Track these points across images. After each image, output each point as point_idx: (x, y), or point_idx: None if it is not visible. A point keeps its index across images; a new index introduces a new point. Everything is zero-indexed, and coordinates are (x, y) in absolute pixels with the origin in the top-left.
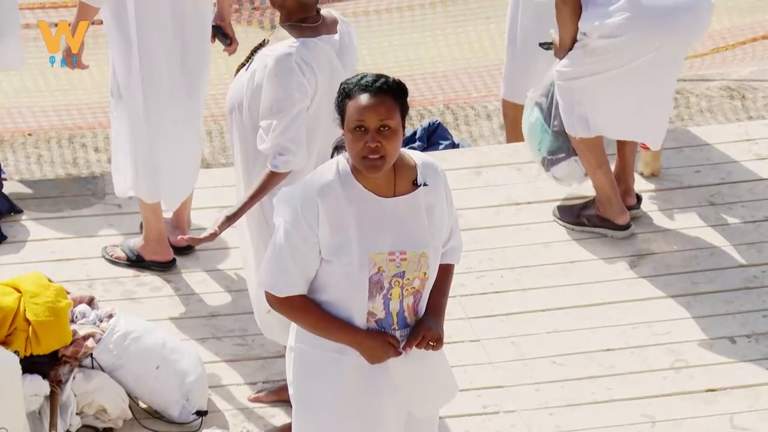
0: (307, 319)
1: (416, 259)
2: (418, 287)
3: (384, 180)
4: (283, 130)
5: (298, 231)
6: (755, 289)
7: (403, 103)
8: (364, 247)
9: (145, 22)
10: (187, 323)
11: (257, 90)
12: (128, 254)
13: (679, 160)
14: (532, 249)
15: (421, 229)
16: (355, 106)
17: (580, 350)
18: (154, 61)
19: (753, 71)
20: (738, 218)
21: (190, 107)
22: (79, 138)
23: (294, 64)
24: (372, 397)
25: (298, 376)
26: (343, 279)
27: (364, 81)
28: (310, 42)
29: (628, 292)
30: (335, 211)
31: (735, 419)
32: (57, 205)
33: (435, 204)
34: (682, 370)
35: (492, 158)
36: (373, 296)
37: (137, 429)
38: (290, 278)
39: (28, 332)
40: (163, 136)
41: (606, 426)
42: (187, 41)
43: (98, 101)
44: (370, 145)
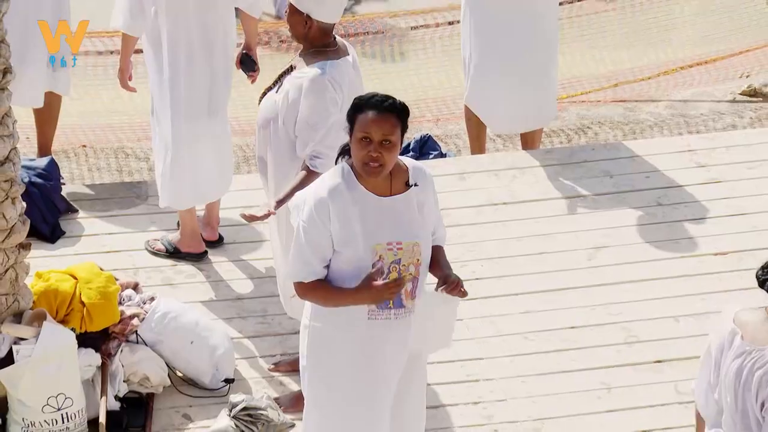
0: (329, 296)
1: (410, 248)
2: (414, 273)
3: (381, 182)
4: (321, 139)
5: (314, 227)
6: (695, 276)
7: (404, 122)
8: (367, 238)
9: (176, 52)
10: (217, 305)
11: (292, 106)
12: (167, 247)
13: (631, 167)
14: (508, 242)
15: (413, 222)
16: (363, 120)
17: (548, 328)
18: (181, 87)
19: (693, 93)
20: (681, 216)
21: (215, 126)
22: (125, 150)
23: (327, 82)
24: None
25: (311, 350)
26: (351, 266)
27: (375, 99)
28: (336, 63)
29: (588, 279)
30: (343, 209)
31: (678, 386)
32: (107, 205)
33: (424, 202)
34: (634, 344)
35: (474, 166)
36: None
37: (175, 394)
38: (312, 267)
39: (83, 313)
40: (188, 153)
41: (570, 392)
42: (215, 69)
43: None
44: (372, 154)
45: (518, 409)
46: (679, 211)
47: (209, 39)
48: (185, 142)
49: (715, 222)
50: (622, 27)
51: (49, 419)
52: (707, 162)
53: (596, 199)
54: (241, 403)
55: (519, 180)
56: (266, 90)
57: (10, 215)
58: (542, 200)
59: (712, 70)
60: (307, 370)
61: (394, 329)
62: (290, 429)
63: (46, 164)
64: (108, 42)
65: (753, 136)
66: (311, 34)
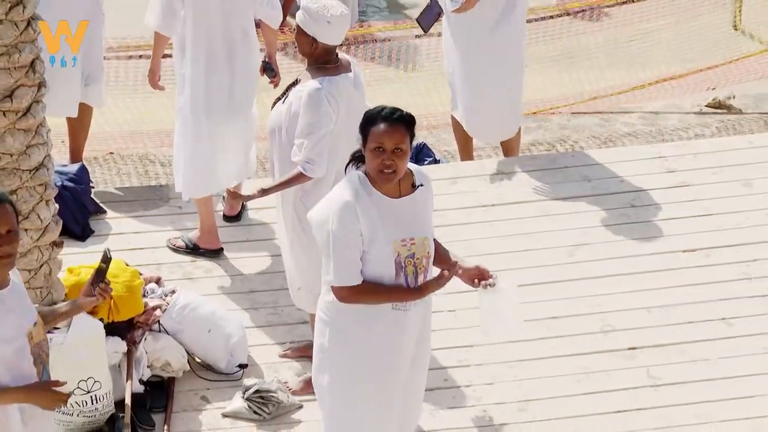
0: (376, 294)
1: (421, 242)
2: (425, 265)
3: (393, 185)
4: (312, 147)
5: (347, 230)
6: (665, 271)
7: (412, 131)
8: (388, 237)
9: (198, 53)
10: (232, 297)
11: (294, 117)
12: (187, 243)
13: (607, 172)
14: (496, 240)
15: (421, 219)
16: (376, 131)
17: (532, 318)
18: (201, 85)
19: (664, 105)
20: (652, 217)
21: (237, 123)
22: (149, 156)
23: (323, 97)
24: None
25: (331, 343)
26: (376, 264)
27: (384, 112)
28: (334, 79)
29: (568, 274)
30: (366, 210)
31: (650, 371)
32: (132, 207)
33: (427, 200)
34: (610, 333)
35: (465, 171)
36: (398, 274)
37: (194, 378)
38: (358, 268)
39: (111, 304)
40: (205, 146)
41: (551, 376)
42: (235, 71)
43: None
44: (386, 162)
45: (505, 392)
46: (650, 212)
47: (230, 43)
48: (204, 136)
49: (683, 222)
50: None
51: (80, 401)
52: (676, 168)
53: (576, 201)
54: (254, 386)
55: (506, 184)
56: (276, 100)
57: (45, 216)
58: (527, 202)
59: (681, 84)
60: (326, 362)
61: (411, 319)
62: (298, 410)
63: (77, 169)
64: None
65: (717, 144)
66: (316, 53)
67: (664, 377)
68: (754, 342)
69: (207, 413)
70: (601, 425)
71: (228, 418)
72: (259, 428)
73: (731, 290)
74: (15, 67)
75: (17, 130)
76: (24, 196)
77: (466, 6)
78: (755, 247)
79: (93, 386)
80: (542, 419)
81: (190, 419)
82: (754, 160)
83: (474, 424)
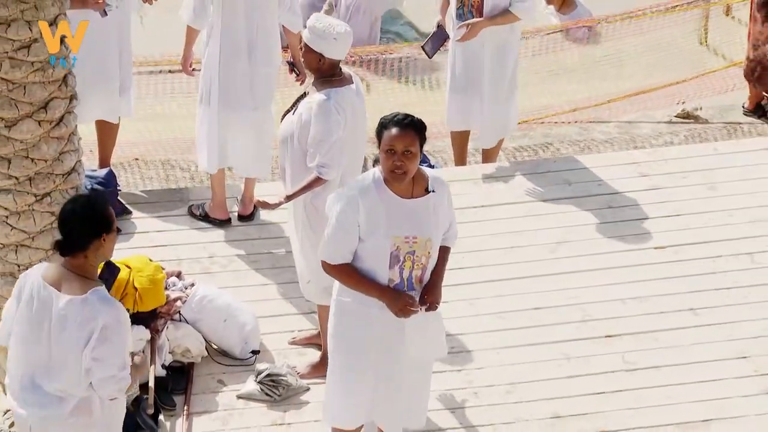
0: (351, 279)
1: (423, 242)
2: (424, 263)
3: (405, 186)
4: (325, 153)
5: (345, 218)
6: (638, 266)
7: (422, 135)
8: (389, 231)
9: (222, 49)
10: (246, 290)
11: (305, 126)
12: (200, 211)
13: (587, 176)
14: (485, 238)
15: (428, 222)
16: (388, 135)
17: (517, 308)
18: (229, 80)
19: (637, 115)
20: (627, 217)
21: (256, 118)
22: (170, 162)
23: (332, 107)
24: (387, 339)
25: (336, 319)
26: (373, 253)
27: (397, 118)
28: (340, 90)
29: (551, 268)
30: (370, 206)
31: (625, 356)
32: (155, 208)
33: (439, 205)
34: (588, 322)
35: (458, 175)
36: (392, 266)
37: (211, 363)
38: (340, 251)
39: (136, 296)
40: (221, 130)
41: (535, 361)
42: (256, 69)
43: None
44: (396, 163)
45: (493, 375)
46: (625, 213)
47: (251, 40)
48: (221, 123)
49: (655, 221)
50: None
51: None
52: (649, 172)
53: (557, 202)
54: (266, 371)
55: (494, 187)
56: (286, 112)
57: None
58: (513, 204)
59: (653, 96)
60: (332, 336)
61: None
62: (305, 392)
63: (105, 174)
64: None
65: (686, 151)
66: (323, 68)
67: (638, 362)
68: (719, 330)
69: (223, 395)
70: (580, 406)
71: (242, 399)
72: (270, 409)
73: (698, 283)
74: (49, 81)
75: (51, 138)
76: (57, 197)
77: (468, 36)
78: (720, 245)
79: None
80: (527, 400)
81: (207, 401)
82: (719, 165)
83: (466, 404)
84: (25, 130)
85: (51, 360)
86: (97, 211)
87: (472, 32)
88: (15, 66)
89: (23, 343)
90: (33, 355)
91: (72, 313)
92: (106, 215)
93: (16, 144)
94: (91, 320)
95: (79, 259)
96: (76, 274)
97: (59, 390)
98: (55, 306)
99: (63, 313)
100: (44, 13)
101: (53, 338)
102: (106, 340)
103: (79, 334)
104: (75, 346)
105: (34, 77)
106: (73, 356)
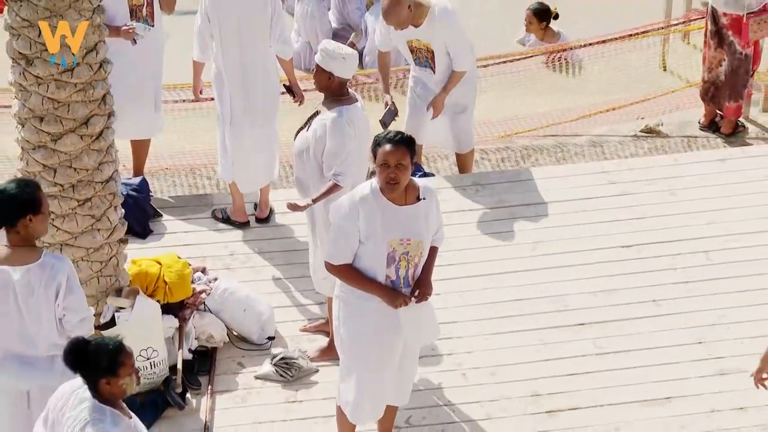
0: (352, 278)
1: (416, 244)
2: (416, 262)
3: (399, 195)
4: (340, 163)
5: (347, 223)
6: (607, 263)
7: (412, 150)
8: (385, 235)
9: (225, 76)
10: (263, 283)
11: (319, 141)
12: (223, 215)
13: (562, 184)
14: (470, 238)
15: (420, 226)
16: (382, 151)
17: (501, 300)
18: (229, 102)
19: (606, 130)
20: (597, 219)
21: (260, 134)
22: (196, 171)
23: (344, 123)
24: (386, 330)
25: (341, 316)
26: (371, 254)
27: (389, 135)
28: (350, 108)
29: (530, 265)
30: (368, 212)
31: (596, 342)
32: (183, 212)
33: (429, 211)
34: (563, 312)
35: (447, 183)
36: (389, 266)
37: (232, 348)
38: (342, 253)
39: (165, 289)
40: (234, 146)
41: (516, 346)
42: (256, 91)
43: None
44: (391, 175)
45: (480, 359)
46: (596, 216)
47: (247, 69)
48: (232, 138)
49: (622, 223)
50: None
51: (141, 366)
52: (617, 180)
53: (536, 206)
54: (280, 354)
55: (480, 193)
56: (299, 129)
57: (113, 218)
58: (497, 208)
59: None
60: (339, 330)
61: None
62: (315, 373)
63: (139, 182)
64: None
65: (649, 161)
66: (333, 86)
67: (606, 347)
68: (678, 319)
69: (242, 376)
70: (556, 385)
71: (259, 379)
72: (284, 388)
73: (659, 278)
74: (90, 100)
75: (92, 150)
76: (97, 203)
77: (437, 112)
78: (679, 244)
79: (152, 354)
80: (509, 381)
81: (229, 380)
82: (678, 174)
83: (455, 384)
84: (69, 144)
85: (23, 326)
86: (23, 195)
87: (438, 108)
88: (60, 87)
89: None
90: (5, 331)
91: (33, 277)
92: (32, 199)
93: (61, 155)
94: (54, 277)
95: (16, 236)
96: (20, 247)
97: (49, 348)
98: (13, 280)
99: (24, 281)
100: (85, 40)
101: (22, 307)
102: (72, 290)
103: (47, 292)
104: (45, 303)
105: (76, 97)
106: (46, 312)
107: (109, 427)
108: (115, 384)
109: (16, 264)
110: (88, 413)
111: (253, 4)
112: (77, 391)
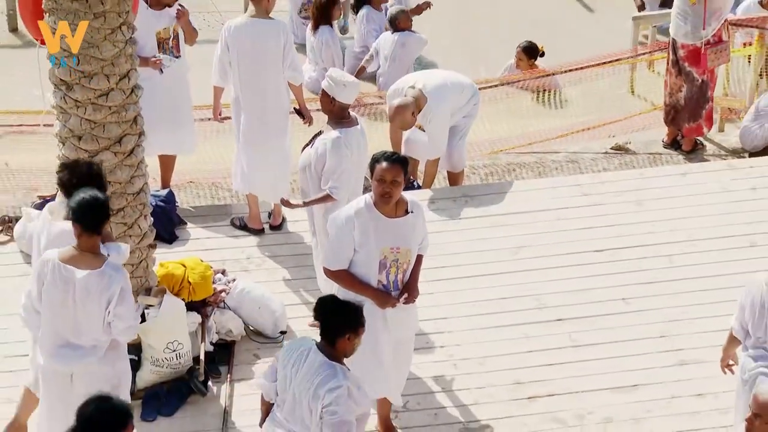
0: (347, 282)
1: (405, 252)
2: (405, 268)
3: (390, 208)
4: (336, 178)
5: (343, 233)
6: (582, 265)
7: (406, 168)
8: (378, 243)
9: (241, 98)
10: (275, 284)
11: (320, 157)
12: (240, 223)
13: (542, 195)
14: (461, 243)
15: (408, 236)
16: (380, 168)
17: (487, 298)
18: (248, 123)
19: (581, 147)
20: (574, 227)
21: (273, 151)
22: (216, 184)
23: (342, 144)
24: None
25: None
26: (365, 261)
27: (386, 155)
28: (349, 130)
29: (514, 266)
30: (362, 224)
31: (571, 336)
32: (205, 220)
33: (416, 223)
34: (543, 309)
35: (438, 194)
36: (381, 271)
37: (249, 341)
38: (338, 259)
39: (189, 288)
40: (247, 162)
41: (501, 339)
42: (269, 113)
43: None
44: (386, 190)
45: (469, 350)
46: (572, 223)
47: (262, 92)
48: (246, 155)
49: (595, 230)
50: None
51: (168, 357)
52: (590, 192)
53: (519, 215)
54: None
55: (469, 204)
56: (305, 146)
57: (143, 226)
58: (483, 217)
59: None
60: None
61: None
62: None
63: (166, 193)
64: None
65: (619, 176)
66: (335, 110)
67: (581, 340)
68: (644, 315)
69: (258, 366)
70: (536, 374)
71: None
72: None
73: (628, 279)
74: (123, 121)
75: (124, 165)
76: (129, 212)
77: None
78: (645, 248)
79: (177, 346)
80: (495, 370)
81: (246, 370)
82: (645, 186)
83: (447, 373)
84: (104, 160)
85: (77, 322)
86: (108, 201)
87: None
88: (96, 109)
89: (52, 313)
90: (61, 320)
91: (93, 283)
92: (108, 211)
93: None
94: (109, 286)
95: (89, 240)
96: (88, 252)
97: (93, 340)
98: (76, 280)
99: (84, 284)
100: (119, 69)
101: (78, 305)
102: (124, 300)
103: (101, 298)
104: (98, 308)
105: (111, 118)
106: (97, 315)
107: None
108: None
109: (81, 267)
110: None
111: (268, 36)
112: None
